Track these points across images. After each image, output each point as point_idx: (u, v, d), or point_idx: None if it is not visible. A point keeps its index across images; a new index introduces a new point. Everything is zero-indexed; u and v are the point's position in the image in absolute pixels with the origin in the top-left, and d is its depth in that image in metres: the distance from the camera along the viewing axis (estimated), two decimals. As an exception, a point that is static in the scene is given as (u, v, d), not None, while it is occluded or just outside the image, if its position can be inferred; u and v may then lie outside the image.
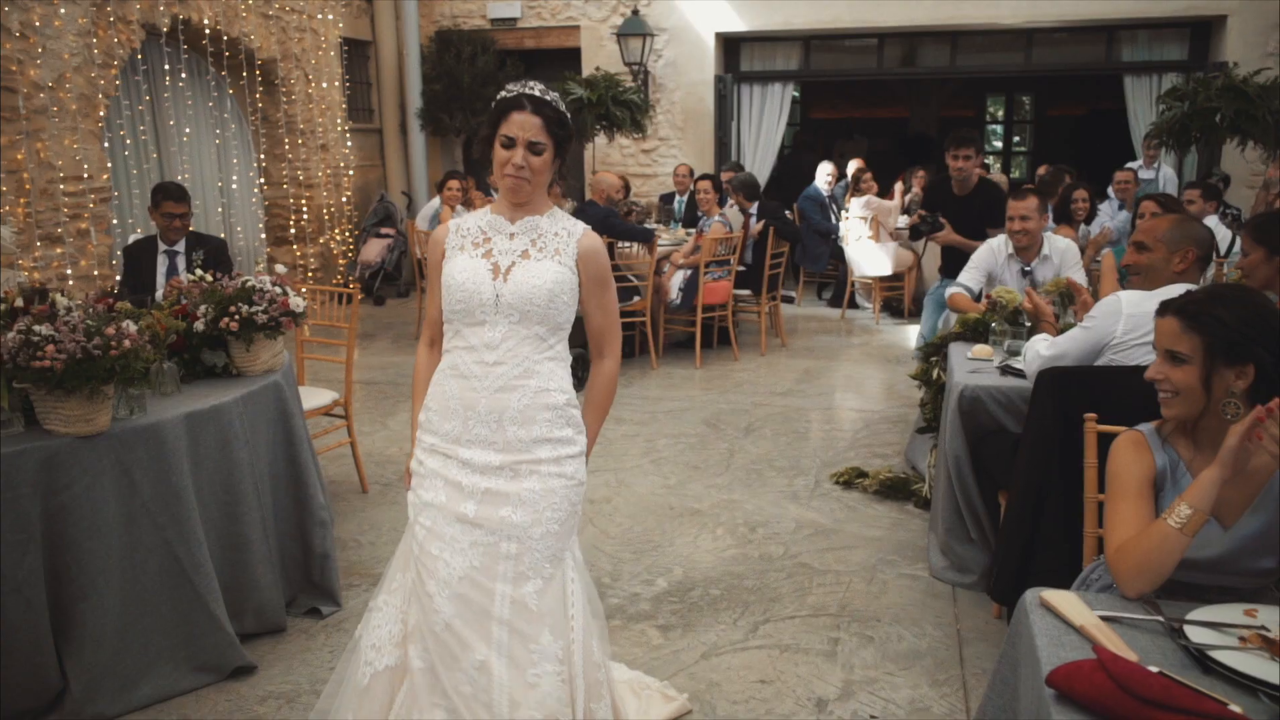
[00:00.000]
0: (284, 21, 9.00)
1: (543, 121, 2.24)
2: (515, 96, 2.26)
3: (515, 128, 2.23)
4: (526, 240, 2.32)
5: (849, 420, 5.94)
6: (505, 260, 2.29)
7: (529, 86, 2.28)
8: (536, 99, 2.25)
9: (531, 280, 2.25)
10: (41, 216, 6.38)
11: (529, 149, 2.23)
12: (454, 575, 2.23)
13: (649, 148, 10.90)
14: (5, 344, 2.58)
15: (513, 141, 2.23)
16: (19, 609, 2.66)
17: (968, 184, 5.78)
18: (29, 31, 6.20)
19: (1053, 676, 1.51)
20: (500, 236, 2.32)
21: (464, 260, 2.31)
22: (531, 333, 2.27)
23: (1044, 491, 2.83)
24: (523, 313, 2.25)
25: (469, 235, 2.36)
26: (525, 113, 2.23)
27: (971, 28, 10.15)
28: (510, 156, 2.24)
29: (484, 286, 2.25)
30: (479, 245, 2.32)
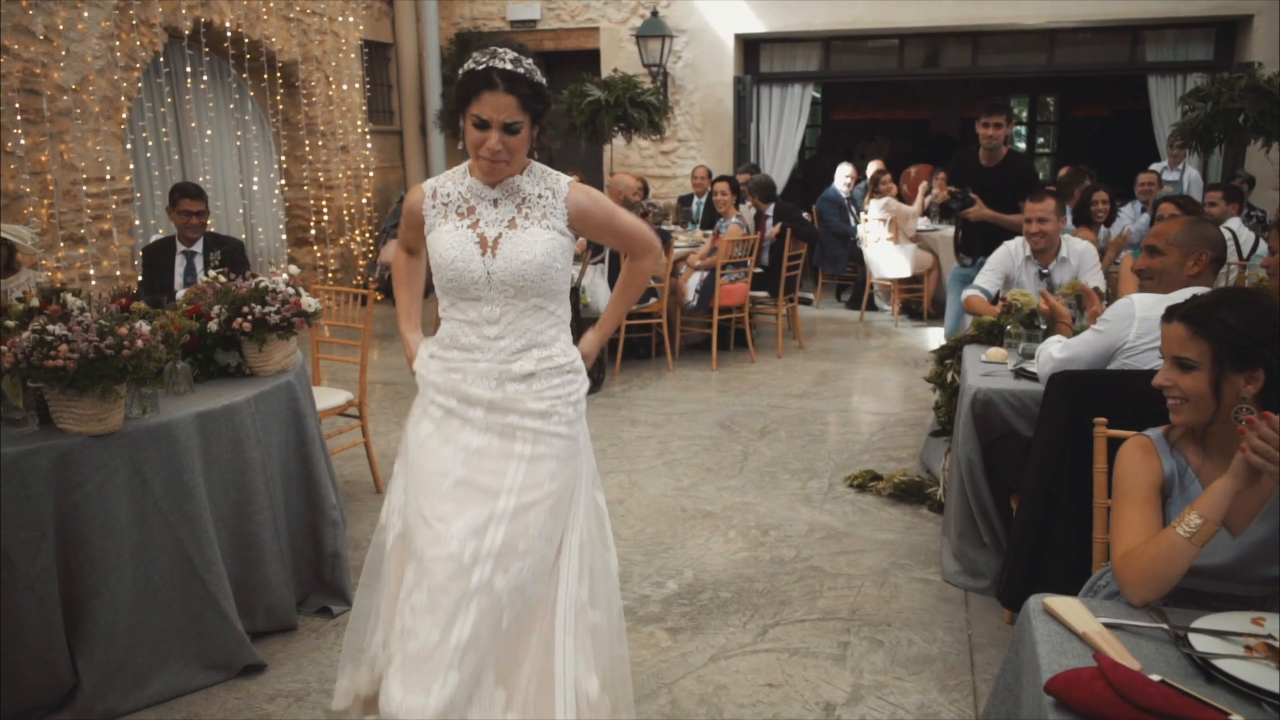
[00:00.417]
0: (305, 24, 9.07)
1: (518, 100, 2.07)
2: (484, 71, 2.07)
3: (488, 109, 2.07)
4: (511, 206, 2.20)
5: (865, 423, 5.91)
6: (491, 231, 2.18)
7: (498, 57, 2.08)
8: (509, 75, 2.06)
9: (521, 255, 2.15)
10: (65, 217, 6.45)
11: (505, 130, 2.09)
12: (469, 446, 2.22)
13: (668, 149, 10.90)
14: (19, 343, 2.61)
15: (486, 124, 2.08)
16: (32, 606, 2.69)
17: (996, 154, 5.66)
18: (53, 35, 6.27)
19: (1052, 684, 1.50)
20: (484, 204, 2.21)
21: (449, 231, 2.20)
22: (530, 304, 2.20)
23: (1054, 496, 2.81)
24: (517, 288, 2.17)
25: (451, 203, 2.23)
26: (498, 92, 2.06)
27: (993, 28, 10.09)
28: (485, 139, 2.10)
29: (473, 263, 2.16)
30: (463, 215, 2.21)
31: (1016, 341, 3.83)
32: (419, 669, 2.04)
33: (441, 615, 2.08)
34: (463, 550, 2.11)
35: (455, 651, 2.05)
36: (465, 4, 11.13)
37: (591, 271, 6.71)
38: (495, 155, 2.11)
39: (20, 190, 6.10)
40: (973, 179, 5.70)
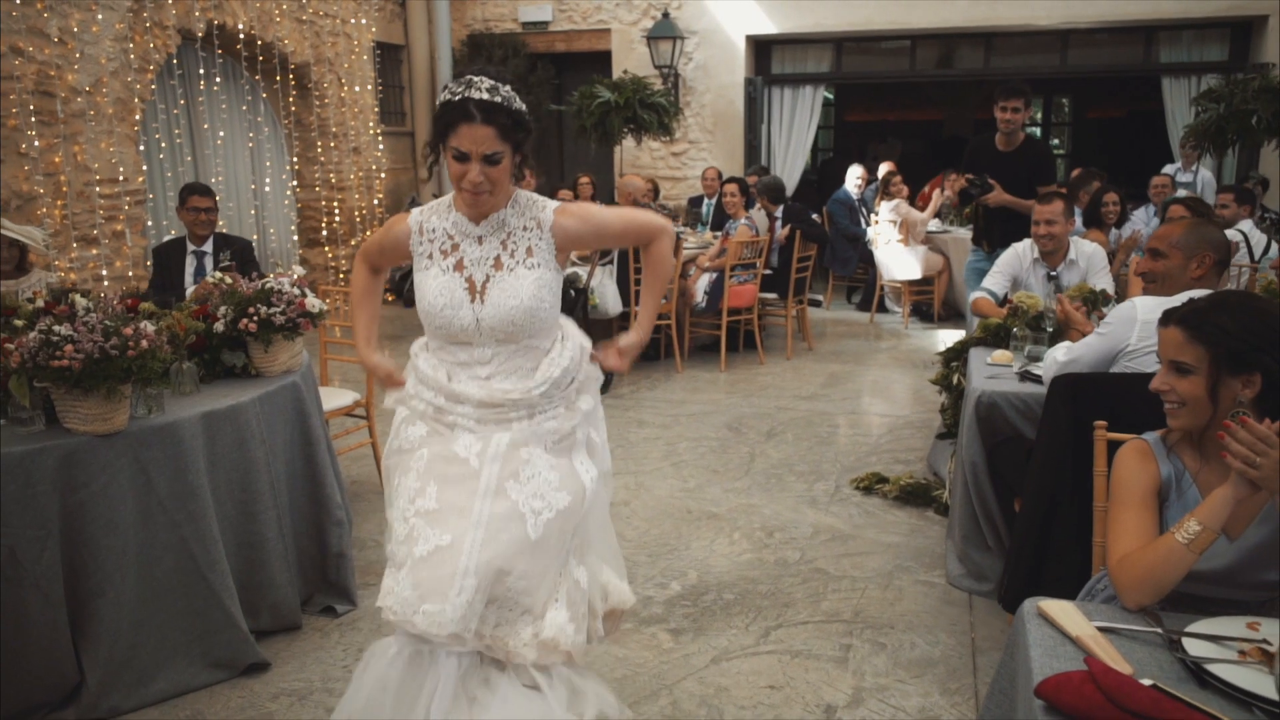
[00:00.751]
0: (318, 26, 9.12)
1: (496, 130, 2.02)
2: (460, 103, 2.01)
3: (466, 141, 2.02)
4: (496, 243, 2.16)
5: (873, 425, 5.90)
6: (479, 273, 2.14)
7: (475, 87, 2.01)
8: (486, 105, 2.01)
9: (509, 301, 2.12)
10: (78, 218, 6.51)
11: (485, 162, 2.04)
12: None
13: (679, 150, 10.91)
14: (26, 343, 2.63)
15: (466, 156, 2.03)
16: (37, 603, 2.72)
17: (1014, 139, 5.61)
18: (67, 37, 6.33)
19: (1041, 687, 1.50)
20: (468, 241, 2.17)
21: (436, 276, 2.16)
22: (521, 345, 2.18)
23: (1056, 499, 2.79)
24: (507, 334, 2.14)
25: (436, 240, 2.19)
26: (475, 124, 2.01)
27: (1006, 29, 10.05)
28: (465, 172, 2.05)
29: (463, 311, 2.13)
30: (447, 254, 2.16)
31: (1022, 344, 3.82)
32: (434, 572, 2.09)
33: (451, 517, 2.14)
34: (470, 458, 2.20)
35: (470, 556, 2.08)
36: (477, 6, 11.17)
37: (600, 273, 6.72)
38: (477, 188, 2.06)
39: (34, 191, 6.16)
40: (989, 165, 5.64)
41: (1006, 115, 5.54)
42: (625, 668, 3.14)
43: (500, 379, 2.18)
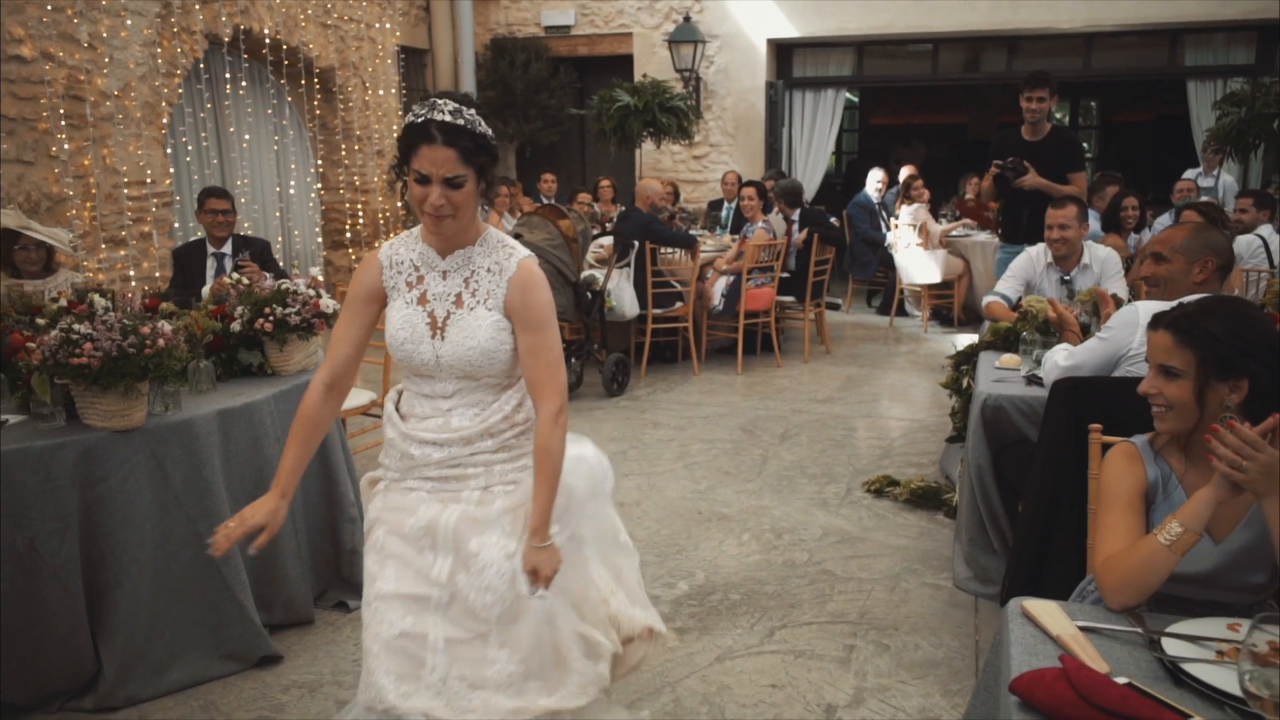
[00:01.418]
0: (342, 30, 9.23)
1: (458, 153, 1.97)
2: (423, 125, 1.97)
3: (427, 164, 1.97)
4: (459, 280, 2.12)
5: (888, 429, 5.91)
6: (441, 309, 2.11)
7: (438, 109, 1.98)
8: (448, 128, 1.96)
9: (466, 341, 2.08)
10: (106, 220, 6.63)
11: (447, 185, 1.99)
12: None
13: (700, 154, 10.94)
14: (47, 342, 2.72)
15: (427, 179, 1.98)
16: (57, 594, 2.80)
17: (1040, 128, 5.60)
18: (97, 42, 6.46)
19: (1015, 684, 1.53)
20: (433, 275, 2.13)
21: (401, 308, 2.12)
22: (482, 383, 2.15)
23: (1056, 501, 2.81)
24: (465, 372, 2.11)
25: (403, 272, 2.14)
26: (436, 146, 1.96)
27: (1029, 32, 10.01)
28: (426, 194, 1.99)
29: (423, 346, 2.09)
30: (412, 286, 2.13)
31: (1031, 348, 3.82)
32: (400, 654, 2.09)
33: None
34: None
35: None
36: (500, 10, 11.26)
37: (617, 275, 6.77)
38: (439, 210, 2.00)
39: (64, 193, 6.29)
40: (1017, 155, 5.60)
41: (1032, 105, 5.54)
42: (629, 665, 3.18)
43: (461, 411, 2.14)
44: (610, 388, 6.57)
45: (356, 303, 2.18)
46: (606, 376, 6.54)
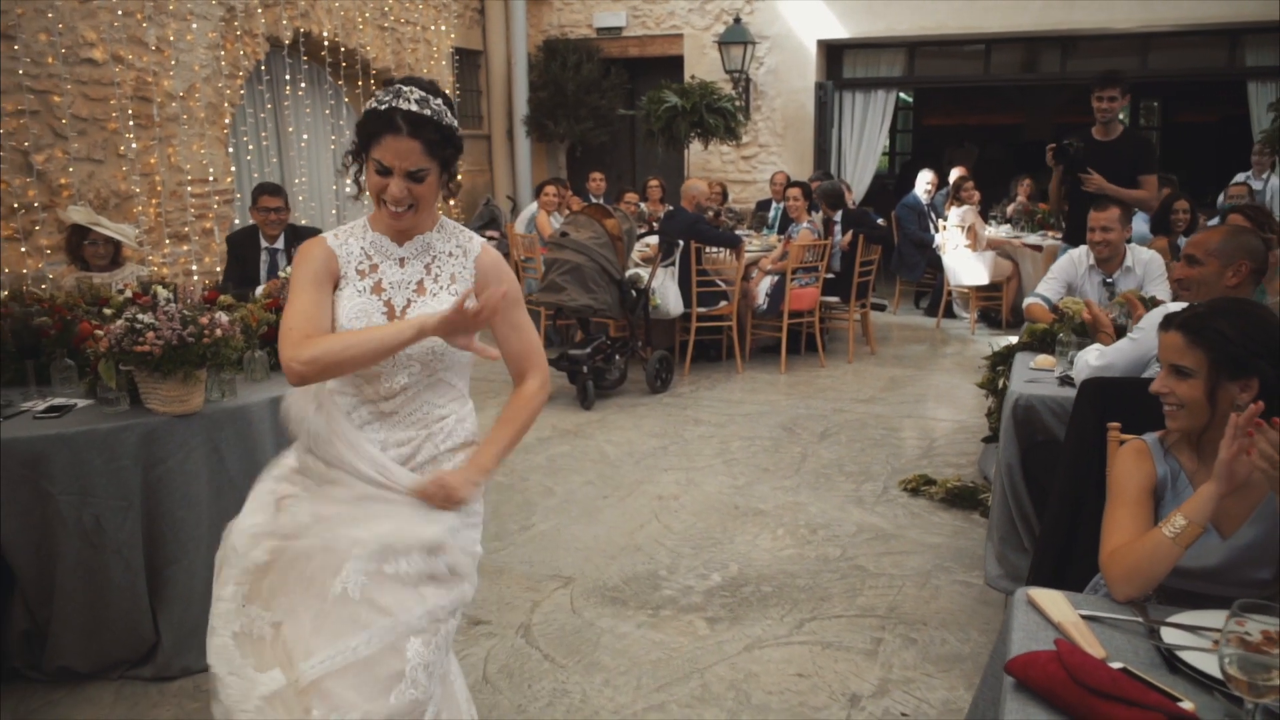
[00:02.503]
0: (399, 33, 9.45)
1: (423, 145, 1.87)
2: (386, 113, 1.86)
3: (390, 154, 1.87)
4: (419, 267, 2.01)
5: (928, 429, 5.93)
6: (399, 297, 1.98)
7: (404, 97, 1.87)
8: (414, 118, 1.86)
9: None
10: (170, 216, 6.89)
11: (409, 178, 1.89)
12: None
13: (748, 154, 10.99)
14: (113, 331, 2.89)
15: (388, 170, 1.88)
16: (119, 569, 2.97)
17: (1112, 128, 5.56)
18: (164, 45, 6.72)
19: (1010, 665, 1.59)
20: (389, 263, 2.00)
21: (352, 296, 1.96)
22: (435, 379, 2.02)
23: (1081, 499, 2.84)
24: (424, 363, 1.98)
25: (352, 260, 1.99)
26: (401, 136, 1.86)
27: (1084, 32, 9.90)
28: (386, 185, 1.90)
29: None
30: (364, 274, 1.98)
31: (1067, 349, 3.84)
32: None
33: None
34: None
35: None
36: (553, 12, 11.41)
37: (662, 274, 6.86)
38: (398, 203, 1.91)
39: (131, 190, 6.55)
40: (1088, 157, 5.55)
41: (1103, 104, 5.49)
42: (660, 651, 3.28)
43: (403, 415, 2.01)
44: (654, 384, 6.66)
45: (318, 279, 1.96)
46: (650, 373, 6.64)
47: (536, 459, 5.32)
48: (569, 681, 3.11)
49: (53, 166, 6.01)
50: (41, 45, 5.87)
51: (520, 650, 3.31)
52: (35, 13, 5.81)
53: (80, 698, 3.03)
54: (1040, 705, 1.54)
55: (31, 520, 2.90)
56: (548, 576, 3.89)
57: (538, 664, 3.22)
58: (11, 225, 5.77)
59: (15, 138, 5.75)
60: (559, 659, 3.25)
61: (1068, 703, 1.49)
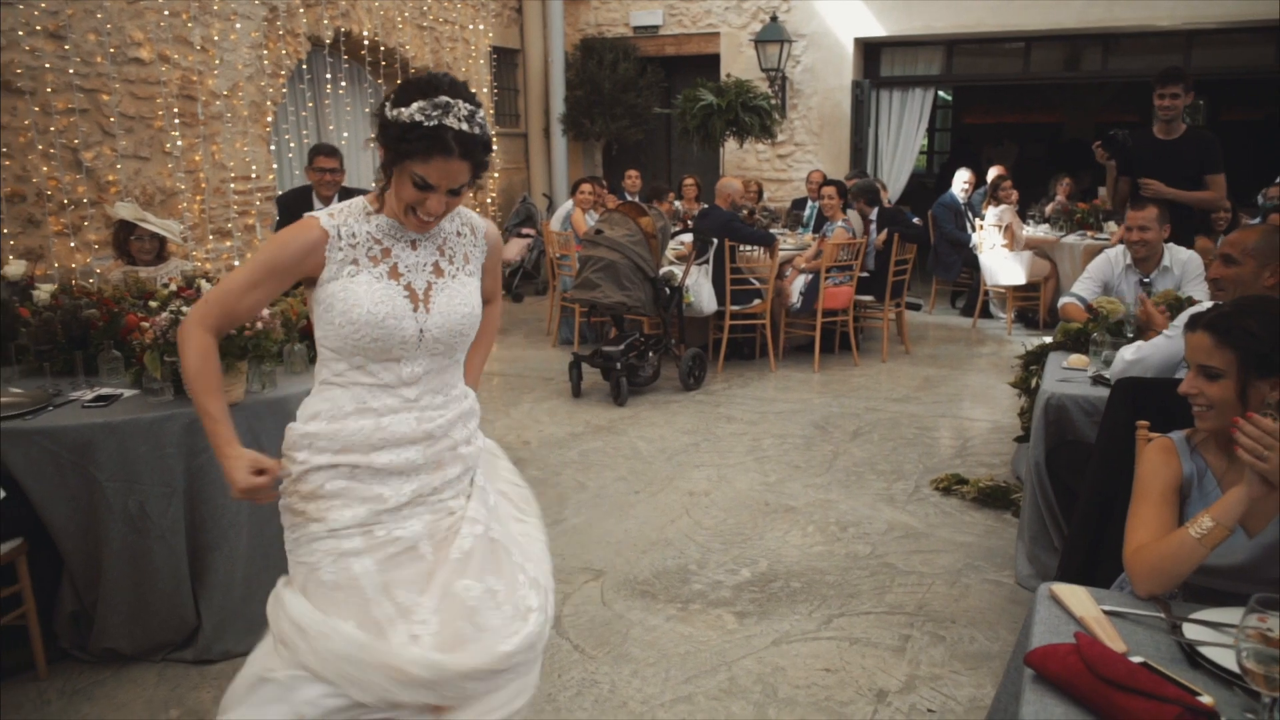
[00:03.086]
0: (437, 32, 9.56)
1: (471, 165, 1.84)
2: (436, 131, 1.77)
3: (436, 174, 1.81)
4: (432, 249, 1.99)
5: (962, 429, 5.90)
6: (419, 280, 1.95)
7: (454, 115, 1.79)
8: (466, 139, 1.80)
9: (458, 308, 1.97)
10: (214, 212, 7.03)
11: (450, 194, 1.87)
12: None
13: (784, 153, 10.99)
14: (158, 323, 2.98)
15: (430, 187, 1.84)
16: (163, 554, 3.06)
17: (1174, 127, 5.46)
18: (208, 45, 6.86)
19: (1030, 656, 1.61)
20: (400, 246, 1.96)
21: (369, 283, 1.90)
22: (452, 360, 2.05)
23: (1111, 498, 2.84)
24: (448, 344, 1.99)
25: (360, 245, 1.92)
26: (452, 159, 1.80)
27: (1125, 30, 9.79)
28: (424, 199, 1.85)
29: (405, 321, 1.91)
30: (377, 260, 1.92)
31: (1101, 349, 3.83)
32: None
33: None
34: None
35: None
36: (590, 11, 11.48)
37: (696, 272, 6.89)
38: (435, 215, 1.89)
39: (176, 187, 6.69)
40: (1151, 157, 5.48)
41: (1165, 102, 5.40)
42: (688, 644, 3.32)
43: (428, 400, 2.01)
44: (686, 382, 6.69)
45: (282, 266, 1.90)
46: (683, 370, 6.67)
47: (569, 454, 5.37)
48: (598, 672, 3.16)
49: (101, 163, 6.16)
50: (91, 45, 6.02)
51: (550, 641, 3.35)
52: (85, 13, 5.96)
53: (124, 678, 3.12)
54: (1058, 697, 1.56)
55: (80, 506, 3.00)
56: (579, 569, 3.93)
57: (568, 654, 3.27)
58: (61, 221, 5.93)
59: (65, 135, 5.90)
60: (589, 650, 3.30)
61: (1085, 694, 1.51)
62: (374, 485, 1.97)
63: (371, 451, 1.96)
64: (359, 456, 1.96)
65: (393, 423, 1.97)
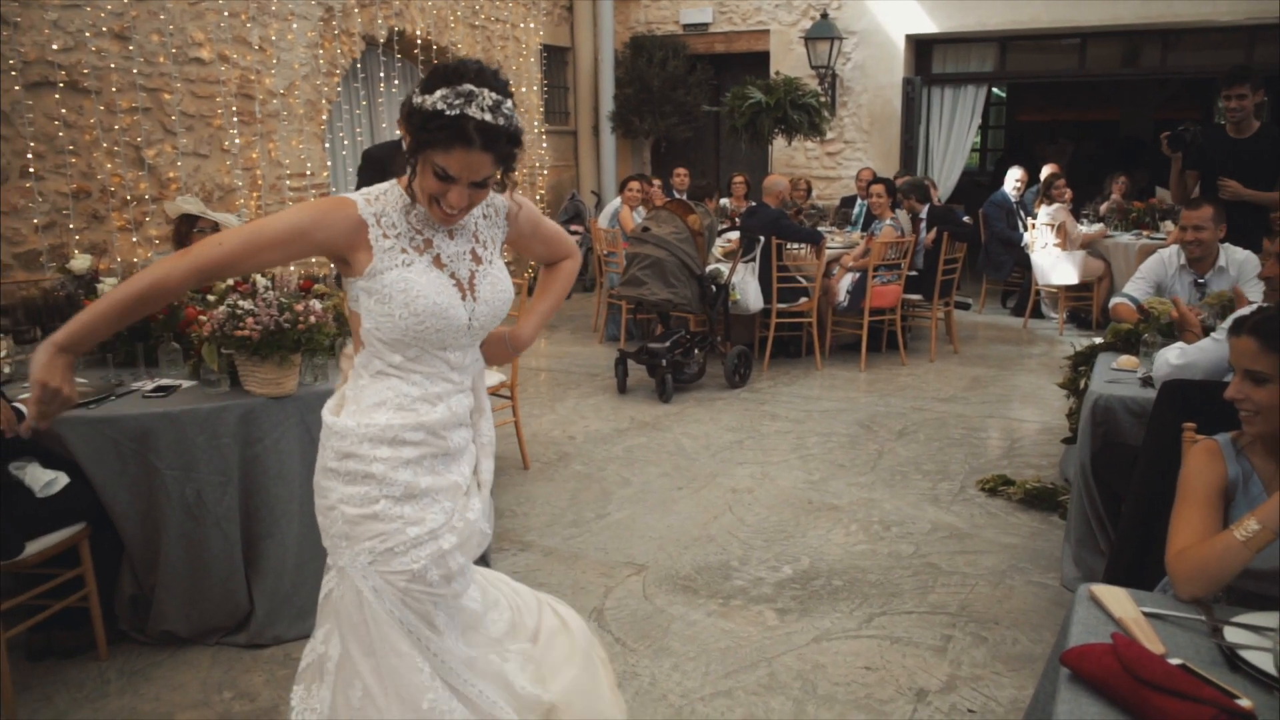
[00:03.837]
0: (489, 30, 9.65)
1: (494, 157, 1.78)
2: (457, 120, 1.72)
3: (457, 165, 1.76)
4: (468, 237, 1.97)
5: (1010, 430, 5.85)
6: (462, 269, 1.94)
7: (477, 105, 1.73)
8: (489, 130, 1.74)
9: (501, 294, 1.99)
10: (269, 209, 7.18)
11: (472, 185, 1.81)
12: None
13: (833, 150, 10.93)
14: (216, 316, 3.07)
15: (452, 178, 1.78)
16: (218, 540, 3.16)
17: (1246, 126, 5.37)
18: (266, 45, 7.00)
19: (1066, 655, 1.62)
20: (440, 236, 1.93)
21: (422, 273, 1.88)
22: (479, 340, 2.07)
23: (1158, 501, 2.81)
24: (487, 330, 2.02)
25: (401, 236, 1.89)
26: (472, 150, 1.74)
27: (1185, 26, 9.59)
28: (445, 190, 1.80)
29: (457, 312, 1.90)
30: (421, 250, 1.90)
31: (1151, 350, 3.77)
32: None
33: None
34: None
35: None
36: (640, 9, 11.51)
37: (742, 269, 6.90)
38: (458, 208, 1.84)
39: (233, 184, 6.85)
40: (1222, 154, 5.39)
41: (1232, 104, 5.32)
42: (728, 639, 3.34)
43: (465, 382, 2.05)
44: (732, 379, 6.71)
45: (314, 238, 1.83)
46: (729, 368, 6.68)
47: (614, 450, 5.42)
48: (639, 665, 3.19)
49: (162, 161, 6.32)
50: (154, 45, 6.19)
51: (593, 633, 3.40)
52: (149, 14, 6.12)
53: (180, 660, 3.22)
54: (1093, 696, 1.56)
55: (139, 492, 3.10)
56: (621, 563, 3.97)
57: (609, 647, 3.30)
58: (124, 216, 6.10)
59: (129, 133, 6.07)
60: (630, 643, 3.34)
61: (1121, 694, 1.51)
62: (450, 473, 1.99)
63: (446, 431, 1.97)
64: (438, 442, 1.96)
65: (454, 404, 1.99)
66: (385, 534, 1.91)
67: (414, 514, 1.92)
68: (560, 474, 5.04)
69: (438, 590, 1.95)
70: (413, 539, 1.91)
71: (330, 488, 1.96)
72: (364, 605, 1.92)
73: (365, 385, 1.95)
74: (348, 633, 1.95)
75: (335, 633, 1.97)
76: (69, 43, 5.68)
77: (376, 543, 1.91)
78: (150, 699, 3.02)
